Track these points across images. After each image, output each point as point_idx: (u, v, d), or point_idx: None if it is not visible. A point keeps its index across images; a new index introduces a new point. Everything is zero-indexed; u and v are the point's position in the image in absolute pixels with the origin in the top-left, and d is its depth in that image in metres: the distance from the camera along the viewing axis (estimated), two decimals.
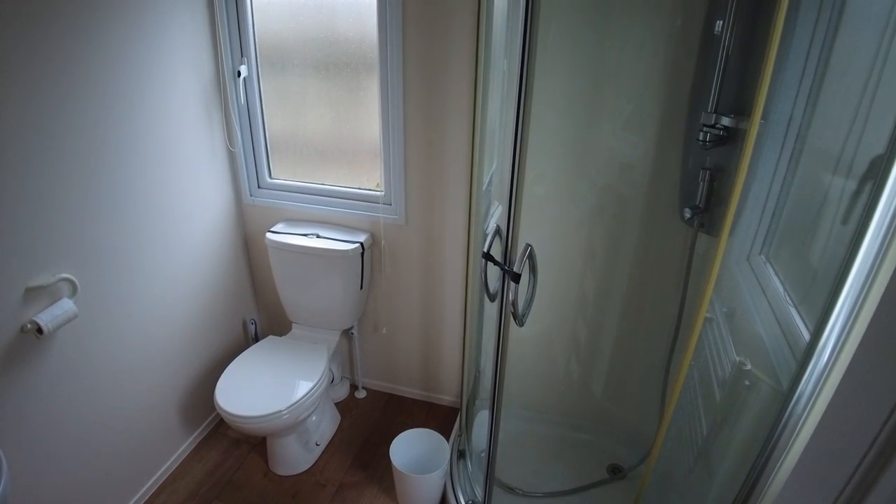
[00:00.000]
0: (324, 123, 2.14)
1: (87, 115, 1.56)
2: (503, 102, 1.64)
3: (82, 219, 1.60)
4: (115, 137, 1.66)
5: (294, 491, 2.08)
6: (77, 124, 1.53)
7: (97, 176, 1.62)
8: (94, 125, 1.59)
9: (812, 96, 1.20)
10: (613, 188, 1.82)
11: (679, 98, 1.64)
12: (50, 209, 1.50)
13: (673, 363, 1.85)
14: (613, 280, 1.97)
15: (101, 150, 1.62)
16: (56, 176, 1.50)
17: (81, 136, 1.55)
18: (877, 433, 0.57)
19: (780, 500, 0.66)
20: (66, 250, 1.57)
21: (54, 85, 1.45)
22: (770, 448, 1.14)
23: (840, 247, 1.02)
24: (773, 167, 1.34)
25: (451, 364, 2.42)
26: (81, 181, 1.57)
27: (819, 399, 1.08)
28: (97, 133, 1.60)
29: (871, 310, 0.92)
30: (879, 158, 0.96)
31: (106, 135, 1.63)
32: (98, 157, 1.62)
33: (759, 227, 1.43)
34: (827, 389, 1.06)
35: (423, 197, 2.07)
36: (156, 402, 2.01)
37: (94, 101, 1.57)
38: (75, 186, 1.56)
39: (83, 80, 1.53)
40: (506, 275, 1.23)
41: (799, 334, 1.14)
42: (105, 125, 1.62)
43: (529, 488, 2.01)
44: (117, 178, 1.69)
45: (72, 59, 1.48)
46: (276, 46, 2.05)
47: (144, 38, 1.70)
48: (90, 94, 1.56)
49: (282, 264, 2.17)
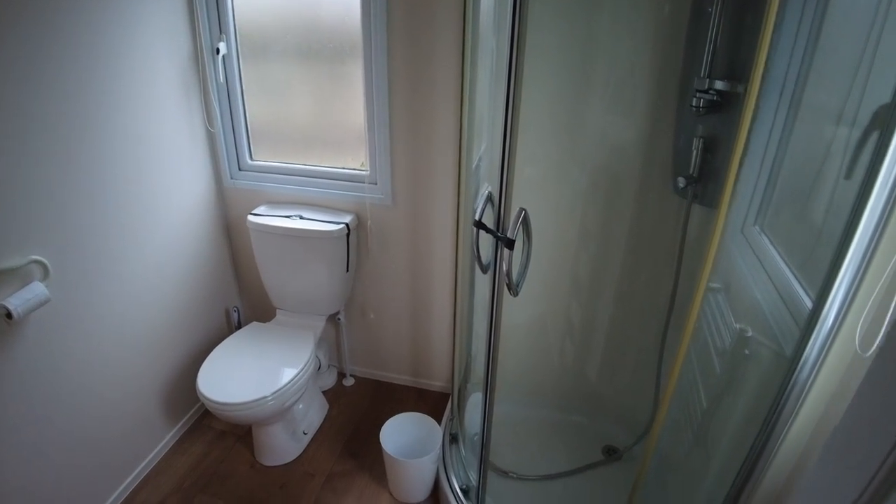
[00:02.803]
0: (307, 106, 2.08)
1: (58, 91, 1.48)
2: (492, 81, 1.59)
3: (55, 200, 1.52)
4: (88, 114, 1.58)
5: (282, 481, 2.02)
6: (48, 102, 1.45)
7: (70, 156, 1.54)
8: (65, 101, 1.51)
9: (809, 49, 1.16)
10: (606, 163, 1.78)
11: (671, 64, 1.60)
12: (18, 189, 1.42)
13: (668, 340, 1.81)
14: (607, 259, 1.93)
15: (74, 128, 1.54)
16: (24, 155, 1.42)
17: (52, 114, 1.47)
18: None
19: (810, 478, 0.62)
20: (38, 232, 1.49)
21: (24, 63, 1.37)
22: (775, 416, 1.11)
23: (843, 203, 0.98)
24: (769, 131, 1.30)
25: (441, 348, 2.37)
26: (53, 161, 1.50)
27: (825, 364, 1.04)
28: (69, 110, 1.52)
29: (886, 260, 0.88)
30: (885, 107, 0.93)
31: (78, 111, 1.55)
32: (71, 137, 1.54)
33: (752, 198, 1.39)
34: (833, 353, 1.03)
35: (410, 176, 2.01)
36: (136, 392, 1.93)
37: (66, 78, 1.49)
38: (46, 167, 1.48)
39: (53, 55, 1.45)
40: (499, 242, 1.18)
41: (799, 300, 1.11)
42: (77, 102, 1.54)
43: (524, 472, 1.97)
44: (91, 158, 1.61)
45: (41, 35, 1.40)
46: (257, 26, 1.99)
47: (118, 10, 1.62)
48: (60, 70, 1.48)
49: (264, 248, 2.10)
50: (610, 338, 2.07)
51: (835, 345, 1.01)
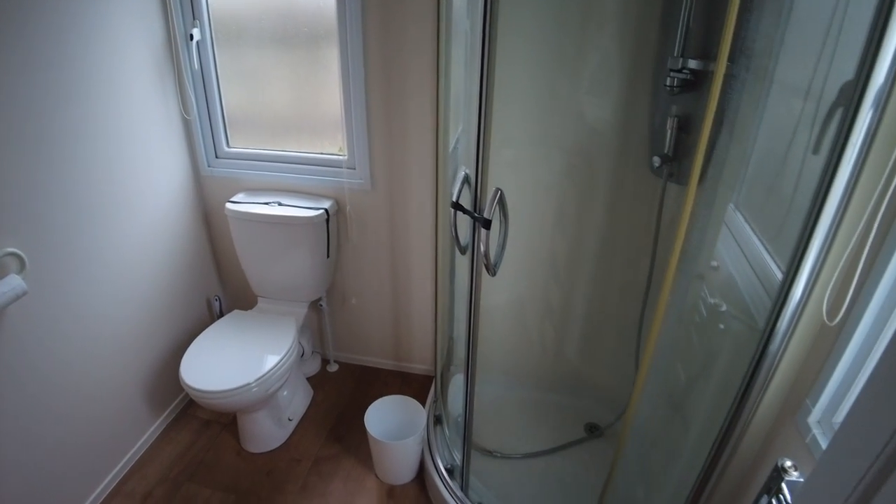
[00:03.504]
0: (283, 90, 2.06)
1: (27, 83, 1.45)
2: (467, 63, 1.59)
3: (29, 192, 1.50)
4: (59, 106, 1.55)
5: (269, 468, 2.03)
6: (16, 94, 1.42)
7: (41, 147, 1.51)
8: (37, 93, 1.48)
9: (781, 26, 1.18)
10: (582, 143, 1.79)
11: (646, 44, 1.61)
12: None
13: (646, 318, 1.84)
14: (585, 238, 1.95)
15: (45, 120, 1.51)
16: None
17: (22, 107, 1.44)
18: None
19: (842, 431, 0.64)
20: (12, 224, 1.47)
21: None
22: (747, 387, 1.14)
23: (811, 178, 1.01)
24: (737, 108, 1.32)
25: (423, 332, 2.39)
26: (25, 152, 1.47)
27: (795, 334, 1.07)
28: (38, 102, 1.49)
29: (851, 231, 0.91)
30: (849, 84, 0.95)
31: (48, 103, 1.52)
32: (41, 129, 1.51)
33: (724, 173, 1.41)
34: (802, 324, 1.06)
35: (388, 160, 2.01)
36: (118, 385, 1.92)
37: (34, 69, 1.46)
38: (18, 158, 1.45)
39: (22, 46, 1.41)
40: (476, 222, 1.19)
41: (772, 273, 1.13)
42: (47, 93, 1.51)
43: (507, 451, 2.00)
44: (63, 149, 1.58)
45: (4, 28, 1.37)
46: (231, 11, 1.96)
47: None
48: (27, 61, 1.44)
49: (244, 235, 2.09)
50: (589, 317, 2.10)
51: (804, 316, 1.04)
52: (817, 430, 1.01)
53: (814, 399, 1.02)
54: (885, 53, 0.84)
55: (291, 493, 1.93)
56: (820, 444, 0.99)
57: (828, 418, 1.01)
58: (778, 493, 0.88)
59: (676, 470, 1.55)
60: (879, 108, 0.86)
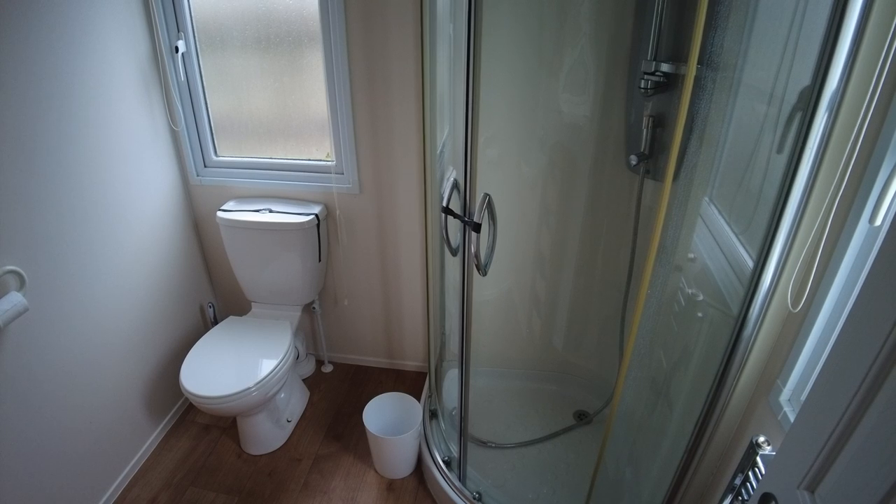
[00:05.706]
0: (268, 98, 2.10)
1: (17, 99, 1.48)
2: (451, 66, 1.64)
3: (24, 210, 1.53)
4: (49, 122, 1.58)
5: (270, 469, 2.08)
6: (11, 113, 1.45)
7: (32, 164, 1.54)
8: (26, 112, 1.51)
9: (746, 36, 1.26)
10: (563, 142, 1.86)
11: (621, 47, 1.68)
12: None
13: (628, 308, 1.93)
14: (568, 234, 2.03)
15: (35, 137, 1.54)
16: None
17: (14, 124, 1.47)
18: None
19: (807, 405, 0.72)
20: (10, 242, 1.50)
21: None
22: (724, 371, 1.22)
23: (776, 175, 1.09)
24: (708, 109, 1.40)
25: (415, 329, 2.45)
26: (18, 170, 1.50)
27: (766, 320, 1.16)
28: (28, 118, 1.52)
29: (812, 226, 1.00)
30: (807, 89, 1.03)
31: (38, 119, 1.55)
32: (31, 145, 1.54)
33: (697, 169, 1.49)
34: (772, 310, 1.14)
35: (376, 164, 2.07)
36: (118, 395, 1.96)
37: (24, 85, 1.49)
38: (12, 176, 1.48)
39: (11, 65, 1.44)
40: (466, 226, 1.26)
41: (744, 262, 1.22)
42: (38, 109, 1.54)
43: (501, 440, 2.08)
44: (54, 165, 1.61)
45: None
46: (214, 22, 1.99)
47: (72, 14, 1.61)
48: (20, 79, 1.47)
49: (235, 243, 2.13)
50: (575, 308, 2.18)
51: (773, 303, 1.13)
52: (788, 407, 1.09)
53: (784, 379, 1.11)
54: (836, 62, 0.92)
55: (294, 492, 1.99)
56: (790, 420, 1.07)
57: (797, 397, 1.09)
58: (753, 467, 0.97)
59: (662, 451, 1.64)
60: (833, 111, 0.94)
